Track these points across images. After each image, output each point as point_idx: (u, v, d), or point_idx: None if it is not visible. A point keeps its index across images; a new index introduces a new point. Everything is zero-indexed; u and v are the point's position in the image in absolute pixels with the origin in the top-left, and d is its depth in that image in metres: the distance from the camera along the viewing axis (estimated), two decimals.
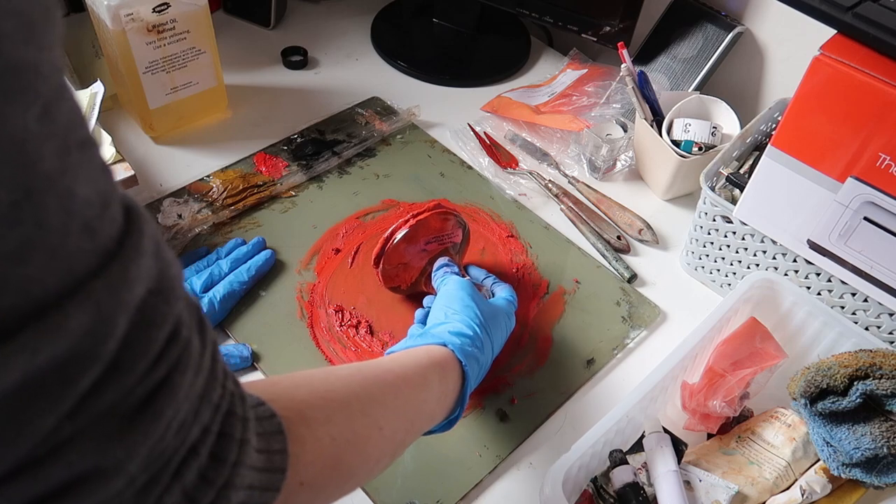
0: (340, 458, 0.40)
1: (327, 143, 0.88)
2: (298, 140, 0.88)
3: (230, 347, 0.66)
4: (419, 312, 0.67)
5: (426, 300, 0.69)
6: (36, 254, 0.21)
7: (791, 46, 0.88)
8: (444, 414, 0.52)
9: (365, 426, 0.42)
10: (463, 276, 0.66)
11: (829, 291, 0.68)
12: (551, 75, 1.02)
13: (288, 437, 0.35)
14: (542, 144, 0.92)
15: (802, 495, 0.56)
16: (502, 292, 0.67)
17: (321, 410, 0.39)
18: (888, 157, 0.55)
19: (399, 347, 0.55)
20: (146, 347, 0.25)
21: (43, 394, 0.22)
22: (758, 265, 0.72)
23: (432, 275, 0.68)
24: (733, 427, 0.62)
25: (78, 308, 0.22)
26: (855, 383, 0.55)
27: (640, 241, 0.82)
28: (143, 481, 0.27)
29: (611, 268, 0.78)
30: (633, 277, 0.77)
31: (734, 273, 0.74)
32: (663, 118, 0.83)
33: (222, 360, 0.32)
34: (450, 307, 0.59)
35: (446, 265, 0.68)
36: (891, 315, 0.65)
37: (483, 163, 0.89)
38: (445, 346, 0.54)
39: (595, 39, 0.93)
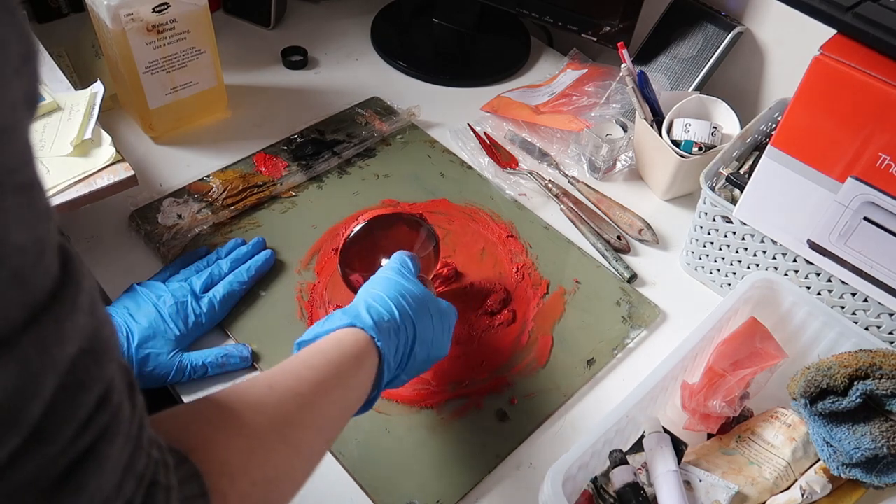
0: (265, 497, 0.39)
1: (327, 143, 0.88)
2: (298, 140, 0.88)
3: (230, 347, 0.66)
4: None
5: None
6: None
7: (791, 46, 0.88)
8: (361, 400, 0.51)
9: (286, 456, 0.41)
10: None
11: (829, 291, 0.68)
12: (551, 75, 1.02)
13: (210, 497, 0.34)
14: (542, 144, 0.92)
15: (802, 495, 0.56)
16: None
17: (240, 454, 0.38)
18: (888, 157, 0.55)
19: (310, 334, 0.52)
20: (73, 412, 0.24)
21: None
22: (758, 265, 0.72)
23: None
24: (733, 427, 0.62)
25: (2, 365, 0.21)
26: (855, 383, 0.55)
27: (640, 241, 0.82)
28: None
29: (611, 268, 0.78)
30: (633, 277, 0.77)
31: (734, 273, 0.74)
32: (663, 118, 0.83)
33: (148, 426, 0.30)
34: (372, 283, 0.57)
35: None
36: (891, 315, 0.65)
37: (483, 163, 0.89)
38: (355, 326, 0.51)
39: (595, 39, 0.93)
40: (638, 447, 0.58)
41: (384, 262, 0.62)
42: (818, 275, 0.67)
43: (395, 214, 0.70)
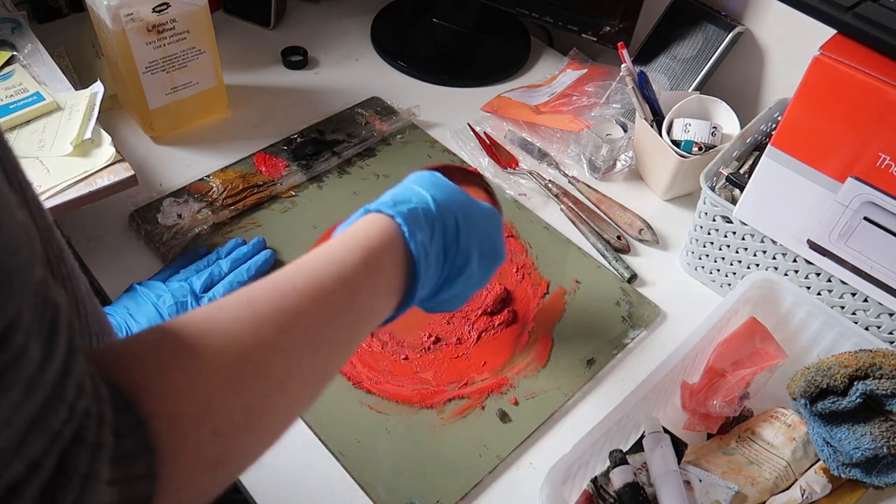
0: (229, 451, 0.32)
1: (327, 143, 0.88)
2: (298, 140, 0.88)
3: None
4: None
5: None
6: None
7: (791, 46, 0.88)
8: (381, 317, 0.42)
9: (261, 394, 0.33)
10: None
11: (829, 291, 0.68)
12: (551, 75, 1.02)
13: (157, 453, 0.28)
14: (542, 144, 0.92)
15: (802, 495, 0.56)
16: None
17: (201, 398, 0.31)
18: (888, 157, 0.55)
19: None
20: None
21: None
22: (758, 265, 0.72)
23: None
24: (733, 427, 0.62)
25: None
26: (855, 383, 0.55)
27: (640, 241, 0.82)
28: None
29: (611, 268, 0.78)
30: (633, 277, 0.77)
31: (734, 273, 0.74)
32: (663, 118, 0.83)
33: (81, 374, 0.25)
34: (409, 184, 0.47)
35: None
36: (891, 315, 0.65)
37: (483, 163, 0.89)
38: (378, 212, 0.42)
39: (595, 39, 0.93)
40: (638, 447, 0.58)
41: None
42: (818, 275, 0.67)
43: (476, 174, 0.61)
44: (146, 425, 0.28)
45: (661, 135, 0.81)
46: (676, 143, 0.81)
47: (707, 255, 0.76)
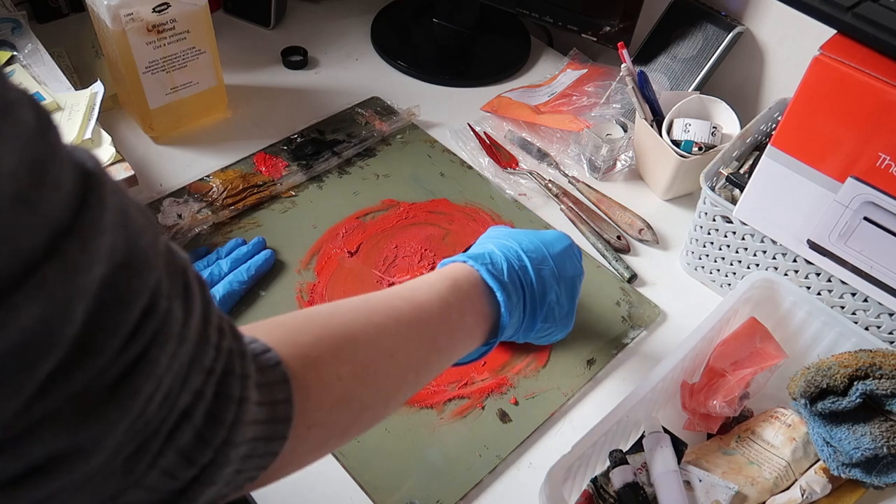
0: (350, 395, 0.39)
1: (327, 143, 0.88)
2: (298, 140, 0.88)
3: None
4: None
5: None
6: None
7: (791, 46, 0.88)
8: (476, 338, 0.49)
9: (374, 357, 0.41)
10: None
11: (829, 291, 0.68)
12: (551, 75, 1.02)
13: (292, 384, 0.35)
14: (542, 144, 0.92)
15: (802, 495, 0.56)
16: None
17: (326, 350, 0.38)
18: (888, 157, 0.55)
19: None
20: (115, 328, 0.24)
21: (1, 381, 0.21)
22: (758, 265, 0.72)
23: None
24: (733, 427, 0.62)
25: (27, 299, 0.21)
26: (855, 383, 0.55)
27: (640, 240, 0.82)
28: (130, 451, 0.27)
29: (611, 268, 0.78)
30: (633, 277, 0.77)
31: (734, 273, 0.74)
32: (663, 118, 0.83)
33: (218, 319, 0.30)
34: (485, 238, 0.56)
35: None
36: (891, 315, 0.65)
37: (483, 163, 0.89)
38: (465, 263, 0.51)
39: (595, 39, 0.93)
40: (638, 447, 0.58)
41: None
42: (818, 275, 0.67)
43: None
44: (282, 362, 0.35)
45: (661, 135, 0.81)
46: (676, 143, 0.81)
47: (707, 255, 0.76)
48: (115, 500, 0.27)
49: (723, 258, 0.74)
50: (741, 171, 0.75)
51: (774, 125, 0.79)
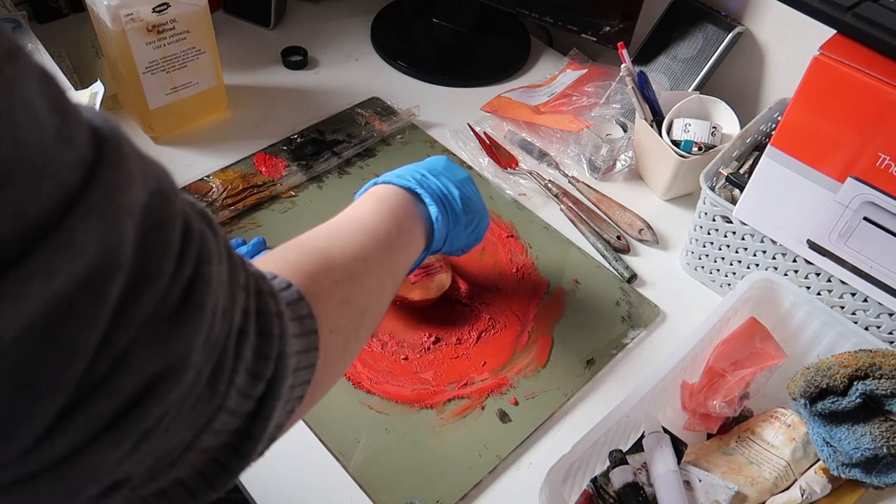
0: (348, 296, 0.43)
1: (327, 143, 0.88)
2: (298, 140, 0.88)
3: None
4: None
5: None
6: (21, 173, 0.20)
7: (791, 46, 0.88)
8: (420, 241, 0.57)
9: (352, 263, 0.46)
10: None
11: (829, 291, 0.68)
12: (551, 75, 1.02)
13: (307, 298, 0.38)
14: (542, 144, 0.92)
15: (802, 495, 0.56)
16: None
17: (316, 263, 0.43)
18: (888, 157, 0.55)
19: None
20: (166, 248, 0.26)
21: (75, 313, 0.22)
22: (758, 265, 0.72)
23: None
24: (733, 427, 0.62)
25: (81, 221, 0.22)
26: (855, 383, 0.55)
27: (640, 241, 0.82)
28: (210, 370, 0.28)
29: (611, 268, 0.78)
30: (633, 277, 0.77)
31: (734, 273, 0.74)
32: (663, 118, 0.83)
33: (233, 247, 0.32)
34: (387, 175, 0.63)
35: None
36: (891, 315, 0.65)
37: (483, 163, 0.89)
38: (389, 184, 0.58)
39: (595, 39, 0.93)
40: (638, 447, 0.58)
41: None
42: (818, 275, 0.67)
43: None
44: (292, 284, 0.38)
45: (661, 135, 0.81)
46: (676, 143, 0.81)
47: (707, 255, 0.76)
48: (208, 427, 0.29)
49: (723, 258, 0.74)
50: (741, 171, 0.75)
51: (774, 125, 0.79)
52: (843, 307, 0.68)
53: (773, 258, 0.70)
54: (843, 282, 0.65)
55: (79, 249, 0.22)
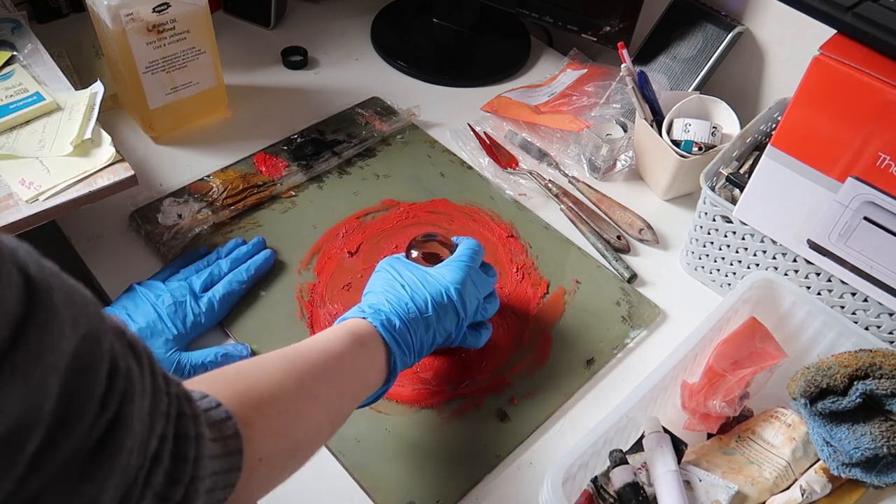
0: (287, 430, 0.43)
1: (327, 143, 0.88)
2: (298, 140, 0.88)
3: (230, 347, 0.66)
4: None
5: None
6: None
7: (791, 46, 0.88)
8: (378, 382, 0.55)
9: (302, 398, 0.46)
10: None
11: (829, 291, 0.68)
12: (551, 75, 1.02)
13: (237, 420, 0.38)
14: (542, 144, 0.92)
15: (802, 495, 0.56)
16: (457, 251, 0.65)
17: (261, 392, 0.43)
18: (888, 157, 0.55)
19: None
20: (89, 393, 0.26)
21: None
22: (758, 265, 0.72)
23: None
24: (733, 427, 0.62)
25: (4, 385, 0.22)
26: (855, 383, 0.55)
27: (640, 240, 0.82)
28: (118, 500, 0.29)
29: (611, 268, 0.78)
30: (633, 277, 0.77)
31: (734, 273, 0.74)
32: (663, 118, 0.83)
33: (160, 368, 0.33)
34: (372, 283, 0.62)
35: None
36: (891, 315, 0.65)
37: (483, 163, 0.89)
38: (364, 319, 0.56)
39: (595, 39, 0.93)
40: (638, 447, 0.58)
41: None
42: (818, 275, 0.67)
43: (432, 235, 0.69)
44: (222, 404, 0.38)
45: (661, 135, 0.81)
46: (676, 143, 0.81)
47: (707, 255, 0.76)
48: None
49: (723, 258, 0.74)
50: (741, 171, 0.75)
51: (774, 125, 0.79)
52: (843, 307, 0.68)
53: (774, 258, 0.70)
54: (843, 282, 0.65)
55: (2, 414, 0.22)
